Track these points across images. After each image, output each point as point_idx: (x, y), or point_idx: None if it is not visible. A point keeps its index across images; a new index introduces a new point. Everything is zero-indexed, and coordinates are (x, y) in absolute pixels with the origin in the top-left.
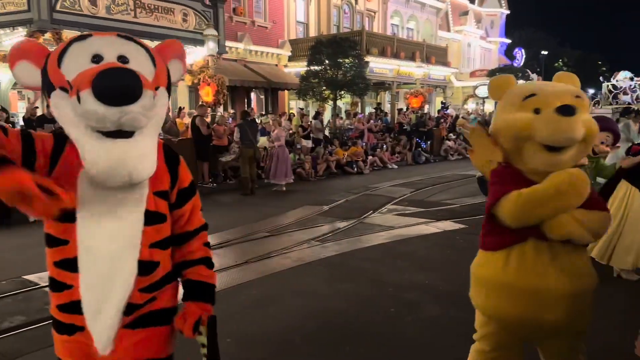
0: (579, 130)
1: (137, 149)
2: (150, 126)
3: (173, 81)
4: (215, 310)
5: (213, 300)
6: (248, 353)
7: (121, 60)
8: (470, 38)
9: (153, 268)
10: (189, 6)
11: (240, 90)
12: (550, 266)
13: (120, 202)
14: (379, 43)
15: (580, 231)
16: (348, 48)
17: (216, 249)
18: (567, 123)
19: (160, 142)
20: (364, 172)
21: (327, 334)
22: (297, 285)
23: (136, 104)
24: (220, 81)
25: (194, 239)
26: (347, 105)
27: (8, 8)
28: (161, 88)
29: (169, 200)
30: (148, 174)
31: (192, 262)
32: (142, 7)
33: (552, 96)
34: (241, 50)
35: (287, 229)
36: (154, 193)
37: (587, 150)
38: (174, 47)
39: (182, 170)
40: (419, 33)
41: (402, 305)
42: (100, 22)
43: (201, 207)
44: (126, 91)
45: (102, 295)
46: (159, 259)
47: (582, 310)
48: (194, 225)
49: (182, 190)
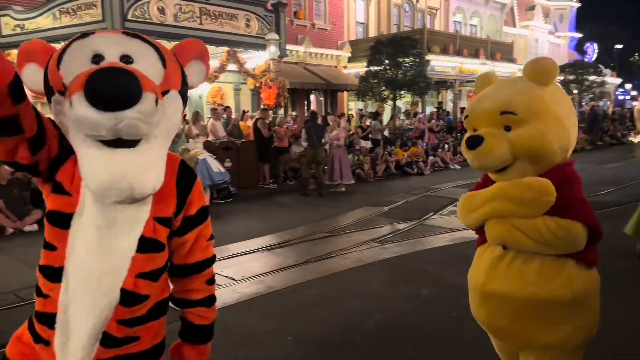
0: (488, 159)
1: (141, 160)
2: (159, 134)
3: (194, 84)
4: (276, 308)
5: (211, 337)
6: (308, 352)
7: (125, 60)
8: (538, 33)
9: (137, 300)
10: (252, 12)
11: (300, 93)
12: (500, 269)
13: (117, 222)
14: (441, 41)
15: (514, 237)
16: (408, 47)
17: (276, 249)
18: (471, 157)
19: (177, 159)
20: (425, 172)
21: (388, 336)
22: (356, 286)
23: (133, 109)
24: (281, 84)
25: (196, 275)
26: (407, 105)
27: (85, 19)
28: (172, 91)
29: (171, 227)
30: (152, 188)
31: (192, 303)
32: (207, 14)
33: (478, 119)
34: (301, 52)
35: (347, 229)
36: (155, 218)
37: (538, 163)
38: (192, 46)
39: (193, 195)
40: (483, 29)
41: (464, 309)
42: (168, 29)
43: (210, 237)
44: (121, 94)
45: (77, 315)
46: (146, 291)
47: (539, 321)
48: (195, 258)
49: (187, 217)
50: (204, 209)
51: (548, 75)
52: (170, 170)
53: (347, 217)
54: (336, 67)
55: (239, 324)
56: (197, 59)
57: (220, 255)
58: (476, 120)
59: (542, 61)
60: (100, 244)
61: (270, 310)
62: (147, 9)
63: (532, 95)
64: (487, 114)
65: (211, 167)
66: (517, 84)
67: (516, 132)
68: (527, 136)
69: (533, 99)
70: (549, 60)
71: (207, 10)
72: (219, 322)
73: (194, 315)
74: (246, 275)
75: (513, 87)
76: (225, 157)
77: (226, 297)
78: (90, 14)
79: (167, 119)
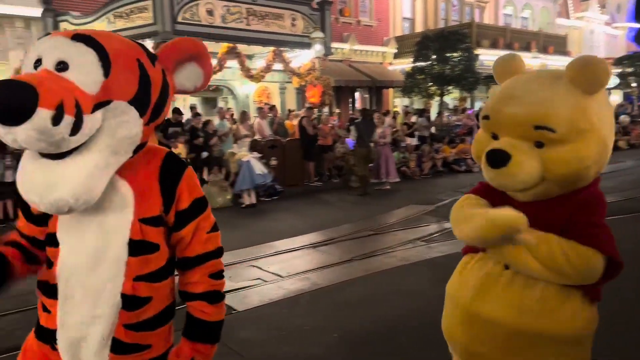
0: (511, 181)
1: (69, 171)
2: (96, 147)
3: (188, 89)
4: (321, 305)
5: (213, 340)
6: (353, 349)
7: (60, 66)
8: (594, 24)
9: (139, 303)
10: (298, 11)
11: (344, 90)
12: (494, 290)
13: (99, 229)
14: (490, 35)
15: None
16: (456, 41)
17: (321, 247)
18: (493, 174)
19: (161, 154)
20: (473, 170)
21: (434, 336)
22: (402, 285)
23: (24, 125)
24: (326, 82)
25: (196, 268)
26: (456, 100)
27: (137, 22)
28: (116, 102)
29: (167, 225)
30: (87, 199)
31: (193, 296)
32: (254, 15)
33: (503, 126)
34: (346, 50)
35: (392, 228)
36: (140, 220)
37: (566, 188)
38: (181, 47)
39: (182, 188)
40: (535, 22)
41: None
42: (216, 31)
43: (212, 229)
44: (9, 110)
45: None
46: (148, 293)
47: (528, 355)
48: (196, 252)
49: (180, 211)
50: (199, 200)
51: (599, 84)
52: (151, 168)
53: (392, 215)
54: (381, 64)
55: (284, 320)
56: (192, 60)
57: (266, 252)
58: (500, 126)
59: (593, 65)
60: (89, 254)
61: (316, 307)
62: (196, 11)
63: (577, 109)
64: (516, 123)
65: (254, 169)
66: (557, 88)
67: (551, 152)
68: (564, 161)
69: (578, 115)
70: (602, 63)
71: (254, 11)
72: (265, 317)
73: (195, 309)
74: (291, 272)
75: (552, 92)
76: (271, 156)
77: (272, 293)
78: (142, 17)
79: (109, 133)
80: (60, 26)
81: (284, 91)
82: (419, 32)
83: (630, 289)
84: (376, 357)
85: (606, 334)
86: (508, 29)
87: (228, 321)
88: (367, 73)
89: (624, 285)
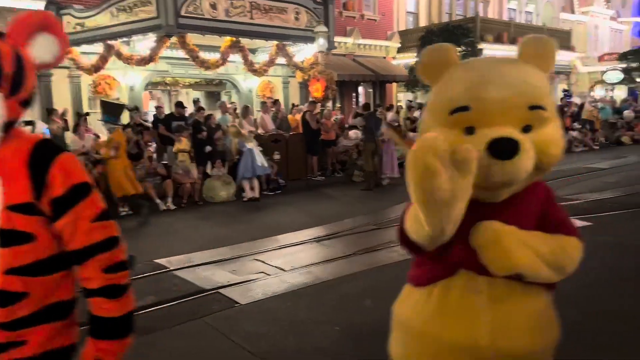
0: (520, 174)
1: None
2: None
3: (45, 60)
4: (324, 299)
5: (119, 335)
6: (356, 342)
7: None
8: (598, 19)
9: (12, 299)
10: (301, 4)
11: (348, 85)
12: (483, 313)
13: None
14: (494, 29)
15: (535, 267)
16: (461, 36)
17: (324, 240)
18: (501, 169)
19: (32, 140)
20: None
21: None
22: (404, 280)
23: None
24: (329, 76)
25: (88, 261)
26: None
27: (140, 15)
28: None
29: (43, 214)
30: None
31: (89, 292)
32: (257, 8)
33: (491, 115)
34: (350, 44)
35: (394, 222)
36: (8, 207)
37: (538, 175)
38: (27, 20)
39: (54, 173)
40: (539, 16)
41: None
42: (220, 24)
43: (99, 218)
44: None
45: None
46: (22, 288)
47: None
48: (81, 243)
49: (55, 199)
50: (78, 186)
51: (553, 61)
52: (20, 153)
53: (394, 210)
54: (385, 58)
55: (288, 313)
56: (42, 30)
57: (269, 246)
58: (486, 115)
59: (547, 42)
60: None
61: (319, 301)
62: (199, 5)
63: (547, 84)
64: (508, 107)
65: (256, 159)
66: (524, 67)
67: (540, 134)
68: (554, 140)
69: (549, 90)
70: (550, 39)
71: (257, 5)
72: (268, 310)
73: (94, 306)
74: (295, 265)
75: (524, 71)
76: (274, 150)
77: (275, 286)
78: (145, 10)
79: None
80: (63, 19)
81: (287, 85)
82: (422, 26)
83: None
84: (379, 349)
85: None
86: (512, 24)
87: (231, 314)
88: (371, 67)
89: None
